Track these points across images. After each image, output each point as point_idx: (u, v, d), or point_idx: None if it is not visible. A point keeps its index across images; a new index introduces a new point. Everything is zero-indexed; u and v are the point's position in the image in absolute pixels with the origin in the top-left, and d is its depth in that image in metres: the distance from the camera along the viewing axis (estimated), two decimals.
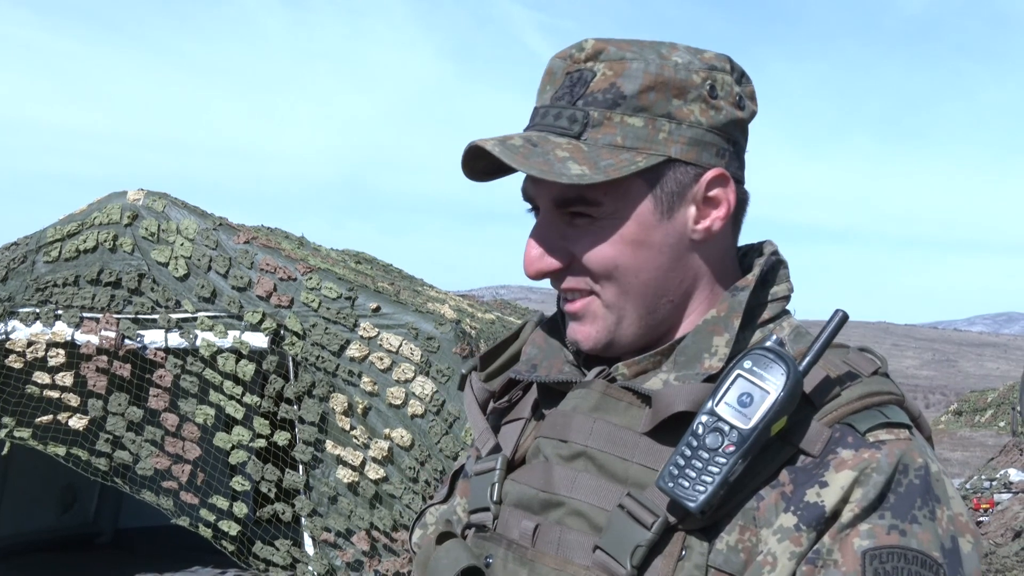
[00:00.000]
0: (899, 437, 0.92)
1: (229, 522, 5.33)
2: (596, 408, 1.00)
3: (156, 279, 5.47)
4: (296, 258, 5.52)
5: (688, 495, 0.89)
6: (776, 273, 1.06)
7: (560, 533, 0.98)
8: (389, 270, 7.59)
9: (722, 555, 0.91)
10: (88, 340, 5.28)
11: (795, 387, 0.90)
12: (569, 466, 1.00)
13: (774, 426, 0.90)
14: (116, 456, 5.33)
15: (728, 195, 1.01)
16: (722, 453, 0.88)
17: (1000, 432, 21.58)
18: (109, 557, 7.42)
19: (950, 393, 61.86)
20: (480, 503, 1.07)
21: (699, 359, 0.98)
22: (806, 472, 0.91)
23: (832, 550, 0.88)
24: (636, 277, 1.00)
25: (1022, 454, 12.83)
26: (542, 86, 1.04)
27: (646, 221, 0.99)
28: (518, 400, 1.14)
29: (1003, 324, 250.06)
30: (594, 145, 0.97)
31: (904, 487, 0.90)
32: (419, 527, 1.26)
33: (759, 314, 1.03)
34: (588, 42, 1.00)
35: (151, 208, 5.62)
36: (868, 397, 0.95)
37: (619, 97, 0.98)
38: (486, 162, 1.03)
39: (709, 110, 1.00)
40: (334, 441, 5.20)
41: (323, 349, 5.25)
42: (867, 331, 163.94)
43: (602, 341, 1.03)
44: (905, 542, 0.87)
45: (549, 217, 1.02)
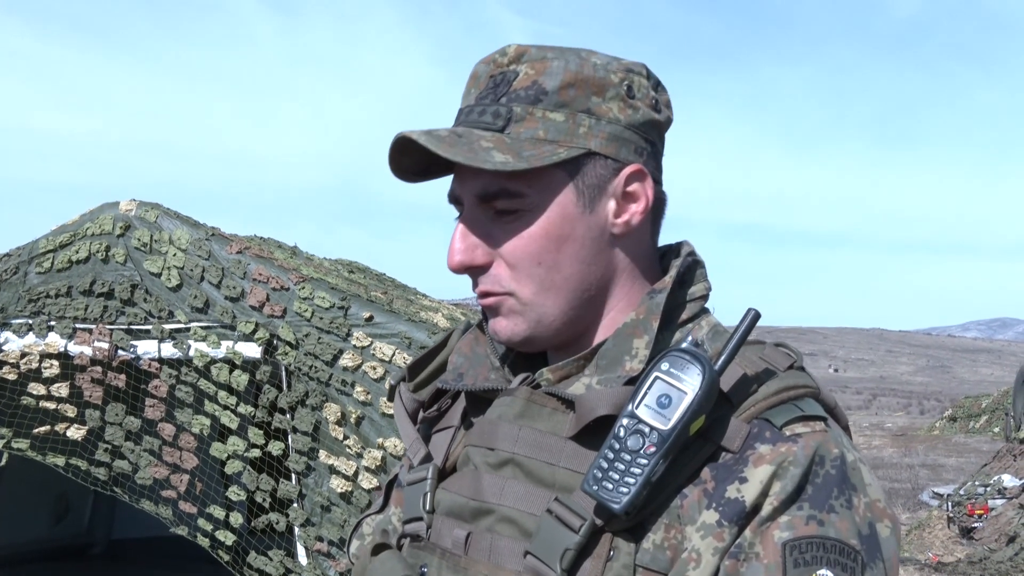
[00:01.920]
0: (815, 429, 0.95)
1: (225, 532, 5.33)
2: (521, 415, 1.02)
3: (149, 290, 5.47)
4: (289, 268, 5.53)
5: (612, 497, 0.91)
6: (693, 273, 1.09)
7: (491, 540, 1.00)
8: (382, 279, 7.61)
9: (649, 554, 0.93)
10: (82, 351, 5.28)
11: (711, 386, 0.92)
12: (497, 474, 1.02)
13: (693, 425, 0.92)
14: (115, 466, 5.32)
15: (646, 190, 1.04)
16: (643, 454, 0.91)
17: (994, 438, 21.60)
18: (103, 567, 7.41)
19: (944, 399, 61.94)
20: (414, 513, 1.10)
21: (620, 362, 1.00)
22: (726, 468, 0.93)
23: (753, 543, 0.90)
24: (559, 272, 1.02)
25: (1016, 459, 12.84)
26: (467, 89, 1.07)
27: (569, 213, 1.01)
28: (447, 409, 1.16)
29: (997, 329, 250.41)
30: (517, 138, 1.00)
31: (821, 478, 0.92)
32: (356, 538, 1.29)
33: (678, 315, 1.05)
34: (511, 47, 1.04)
35: (143, 218, 5.63)
36: (784, 391, 0.97)
37: (541, 93, 1.01)
38: (412, 159, 1.05)
39: (627, 108, 1.03)
40: (327, 451, 5.20)
41: (316, 359, 5.25)
42: (861, 337, 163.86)
43: (520, 335, 1.05)
44: (823, 532, 0.89)
45: (474, 213, 1.04)
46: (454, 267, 1.05)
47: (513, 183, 1.00)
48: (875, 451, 27.11)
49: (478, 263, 1.04)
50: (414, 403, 1.17)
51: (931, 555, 10.83)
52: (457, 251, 1.04)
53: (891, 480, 19.57)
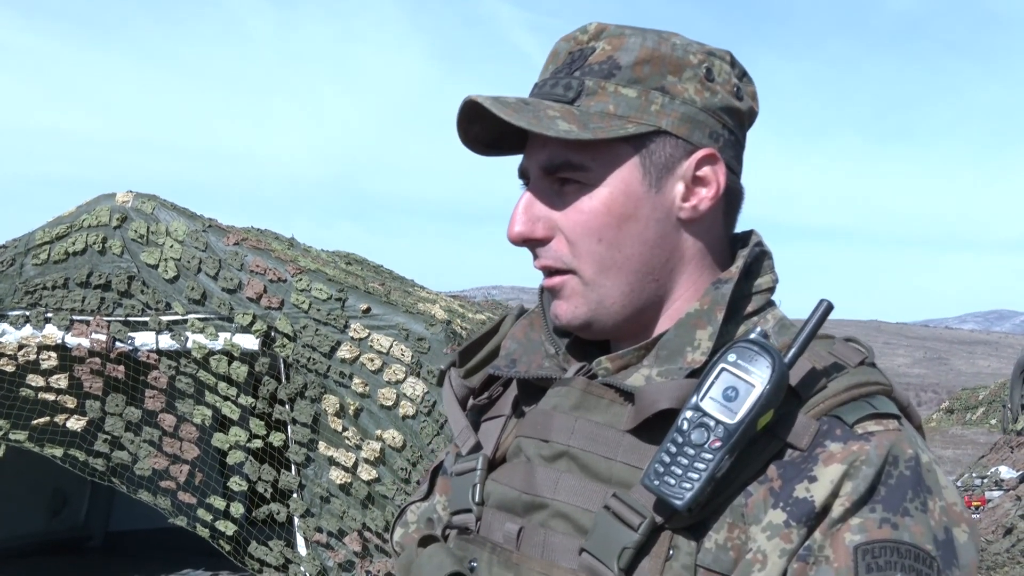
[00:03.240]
0: (888, 428, 0.91)
1: (226, 522, 5.33)
2: (577, 406, 0.99)
3: (146, 281, 5.46)
4: (286, 259, 5.51)
5: (674, 493, 0.87)
6: (760, 264, 1.05)
7: (545, 536, 0.96)
8: (380, 271, 7.59)
9: (711, 554, 0.89)
10: (79, 343, 5.26)
11: (781, 380, 0.88)
12: (551, 467, 0.98)
13: (761, 420, 0.88)
14: (114, 456, 5.32)
15: (718, 176, 1.00)
16: (708, 449, 0.87)
17: (991, 430, 21.63)
18: (100, 560, 7.40)
19: (941, 391, 62.02)
20: (462, 504, 1.06)
21: (682, 353, 0.96)
22: (794, 467, 0.90)
23: (823, 546, 0.86)
24: (620, 251, 0.99)
25: (1013, 451, 12.86)
26: (545, 66, 1.04)
27: (633, 191, 0.98)
28: (498, 396, 1.12)
29: (994, 321, 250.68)
30: (586, 111, 0.97)
31: (895, 479, 0.88)
32: (400, 526, 1.25)
33: (743, 307, 1.02)
34: (592, 24, 1.01)
35: (140, 210, 5.61)
36: (855, 388, 0.93)
37: (614, 68, 0.98)
38: (481, 128, 1.02)
39: (704, 91, 1.00)
40: (326, 442, 5.19)
41: (314, 351, 5.24)
42: (858, 329, 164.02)
43: (580, 317, 1.02)
44: (897, 535, 0.86)
45: (539, 185, 1.02)
46: (513, 237, 1.01)
47: (577, 154, 0.98)
48: None
49: (537, 235, 1.01)
50: (464, 389, 1.14)
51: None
52: (519, 221, 1.01)
53: None
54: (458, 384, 1.14)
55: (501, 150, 1.07)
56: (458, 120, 1.01)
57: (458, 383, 1.15)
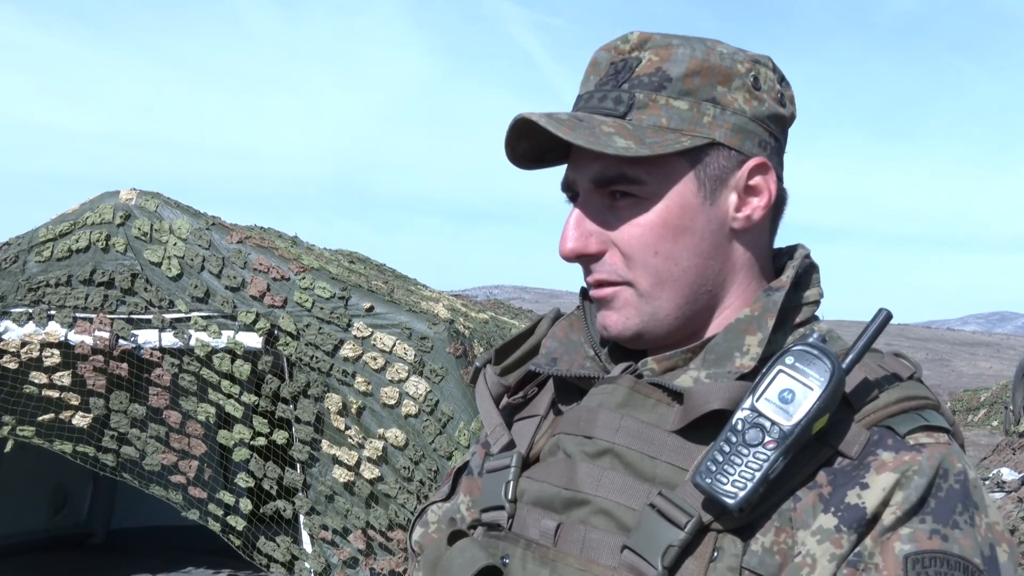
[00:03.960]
0: (939, 441, 0.91)
1: (236, 517, 5.34)
2: (623, 404, 0.98)
3: (149, 279, 5.46)
4: (289, 258, 5.51)
5: (726, 491, 0.86)
6: (809, 277, 1.05)
7: (585, 532, 0.95)
8: (383, 269, 7.59)
9: (757, 556, 0.89)
10: (82, 340, 5.27)
11: (838, 385, 0.88)
12: (595, 463, 0.97)
13: (816, 424, 0.88)
14: (123, 452, 5.34)
15: (769, 184, 1.00)
16: (763, 449, 0.87)
17: (993, 431, 21.62)
18: (102, 558, 7.39)
19: (944, 392, 61.97)
20: (493, 501, 1.05)
21: (730, 358, 0.96)
22: (845, 474, 0.89)
23: (874, 553, 0.86)
24: (676, 264, 0.99)
25: (1015, 453, 12.85)
26: (586, 76, 1.04)
27: (689, 204, 0.98)
28: (533, 396, 1.12)
29: (996, 323, 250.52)
30: (639, 125, 0.97)
31: (944, 492, 0.88)
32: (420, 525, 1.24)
33: (792, 316, 1.02)
34: (634, 34, 1.01)
35: (144, 208, 5.61)
36: (906, 401, 0.93)
37: (665, 80, 0.98)
38: (529, 144, 1.02)
39: (752, 100, 1.00)
40: (329, 441, 5.20)
41: (317, 349, 5.24)
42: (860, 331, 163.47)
43: (632, 329, 1.01)
44: (947, 547, 0.85)
45: (590, 199, 1.01)
46: (566, 254, 1.01)
47: (632, 168, 0.97)
48: None
49: (591, 251, 1.01)
50: (499, 387, 1.13)
51: None
52: (571, 238, 1.00)
53: None
54: (493, 382, 1.14)
55: (544, 164, 1.07)
56: (507, 138, 1.00)
57: (493, 381, 1.14)
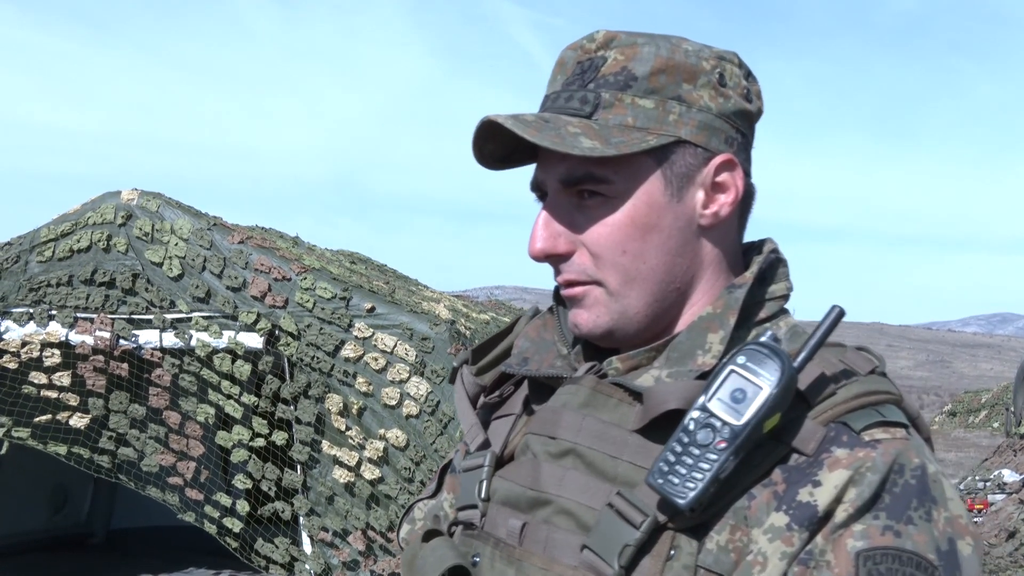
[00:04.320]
0: (895, 436, 0.90)
1: (232, 519, 5.33)
2: (586, 404, 0.99)
3: (150, 279, 5.46)
4: (291, 258, 5.51)
5: (678, 492, 0.87)
6: (775, 271, 1.05)
7: (547, 532, 0.96)
8: (384, 270, 7.58)
9: (712, 555, 0.89)
10: (83, 340, 5.27)
11: (789, 383, 0.88)
12: (557, 463, 0.98)
13: (767, 423, 0.88)
14: (120, 453, 5.34)
15: (736, 181, 1.01)
16: (713, 449, 0.87)
17: (994, 433, 21.61)
18: (102, 558, 7.39)
19: (944, 394, 61.95)
20: (468, 500, 1.06)
21: (692, 356, 0.97)
22: (799, 471, 0.89)
23: (825, 551, 0.86)
24: (645, 263, 0.99)
25: (1016, 455, 12.85)
26: (553, 75, 1.04)
27: (656, 202, 0.99)
28: (509, 395, 1.13)
29: (997, 325, 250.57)
30: (605, 125, 0.97)
31: (900, 487, 0.88)
32: (407, 522, 1.25)
33: (756, 312, 1.02)
34: (599, 32, 1.01)
35: (145, 208, 5.61)
36: (864, 396, 0.93)
37: (630, 79, 0.98)
38: (496, 145, 1.02)
39: (718, 97, 1.00)
40: (330, 441, 5.19)
41: (318, 349, 5.24)
42: (861, 332, 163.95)
43: (602, 327, 1.02)
44: (900, 543, 0.85)
45: (558, 199, 1.02)
46: (535, 254, 1.02)
47: (599, 168, 0.98)
48: None
49: (560, 251, 1.01)
50: (476, 387, 1.14)
51: None
52: (539, 238, 1.01)
53: None
54: (470, 382, 1.15)
55: (512, 164, 1.07)
56: (474, 140, 1.01)
57: (470, 380, 1.15)
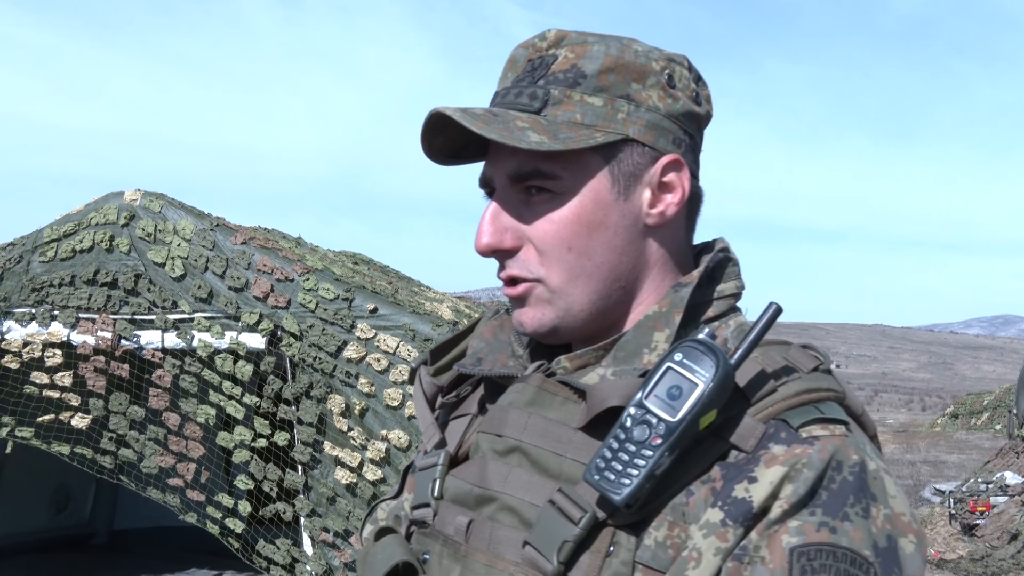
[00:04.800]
0: (834, 433, 0.90)
1: (235, 520, 5.34)
2: (532, 403, 1.00)
3: (153, 279, 5.46)
4: (293, 259, 5.51)
5: (613, 488, 0.87)
6: (724, 271, 1.06)
7: (492, 529, 0.97)
8: (386, 271, 7.59)
9: (650, 551, 0.90)
10: (84, 340, 5.27)
11: (724, 380, 0.88)
12: (503, 461, 0.99)
13: (703, 419, 0.88)
14: (121, 454, 5.33)
15: (683, 181, 1.02)
16: (649, 446, 0.87)
17: (996, 435, 21.59)
18: (104, 558, 7.40)
19: (946, 396, 61.88)
20: (422, 499, 1.07)
21: (638, 354, 0.98)
22: (737, 468, 0.90)
23: (759, 547, 0.86)
24: (590, 260, 1.00)
25: (1018, 457, 12.83)
26: (504, 73, 1.05)
27: (603, 200, 1.00)
28: (467, 396, 1.14)
29: (999, 327, 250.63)
30: (553, 121, 0.98)
31: (837, 484, 0.88)
32: (370, 523, 1.27)
33: (703, 311, 1.03)
34: (551, 31, 1.02)
35: (148, 208, 5.61)
36: (805, 393, 0.93)
37: (579, 76, 0.99)
38: (445, 139, 1.03)
39: (667, 98, 1.01)
40: (332, 442, 5.19)
41: (320, 350, 5.24)
42: (863, 334, 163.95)
43: (546, 325, 1.03)
44: (835, 540, 0.85)
45: (506, 195, 1.02)
46: (481, 249, 1.03)
47: (547, 164, 0.98)
48: None
49: (506, 246, 1.02)
50: (433, 387, 1.15)
51: (933, 552, 10.83)
52: (486, 232, 1.02)
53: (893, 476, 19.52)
54: (428, 382, 1.16)
55: (461, 160, 1.08)
56: (422, 132, 1.02)
57: (428, 381, 1.16)
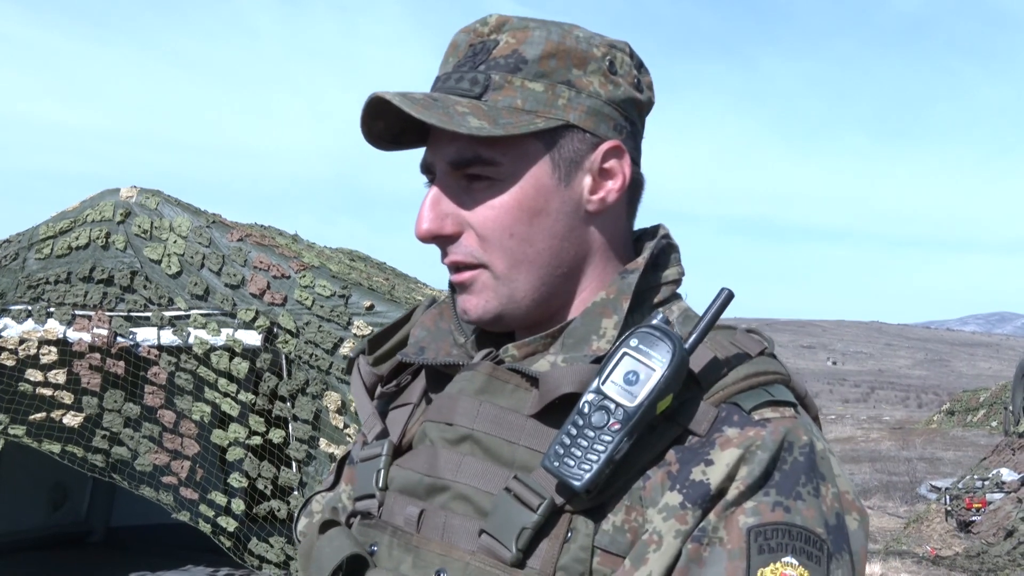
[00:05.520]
0: (784, 415, 0.93)
1: (227, 518, 5.33)
2: (482, 391, 0.99)
3: (149, 276, 5.46)
4: (290, 255, 5.51)
5: (573, 474, 0.88)
6: (668, 257, 1.07)
7: (445, 518, 0.97)
8: (383, 268, 7.59)
9: (608, 535, 0.90)
10: (80, 338, 5.26)
11: (680, 365, 0.90)
12: (455, 449, 0.99)
13: (660, 404, 0.89)
14: (114, 452, 5.31)
15: (624, 168, 1.02)
16: (608, 431, 0.88)
17: (992, 432, 21.63)
18: (101, 555, 7.40)
19: (943, 393, 61.97)
20: (366, 490, 1.06)
21: (587, 341, 0.98)
22: (692, 451, 0.91)
23: (717, 527, 0.88)
24: (531, 246, 1.00)
25: (1014, 454, 12.86)
26: (445, 58, 1.05)
27: (544, 185, 1.00)
28: (407, 385, 1.13)
29: (995, 324, 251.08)
30: (494, 106, 0.98)
31: (789, 464, 0.90)
32: (304, 515, 1.26)
33: (650, 297, 1.04)
34: (492, 16, 1.02)
35: (144, 205, 5.61)
36: (754, 376, 0.95)
37: (520, 62, 0.99)
38: (385, 124, 1.02)
39: (608, 84, 1.01)
40: (327, 439, 5.19)
41: (316, 347, 5.24)
42: (860, 331, 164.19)
43: (491, 312, 1.02)
44: (789, 518, 0.87)
45: (446, 181, 1.02)
46: (421, 235, 1.02)
47: (487, 150, 0.98)
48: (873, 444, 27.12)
49: (447, 232, 1.02)
50: (373, 377, 1.14)
51: (929, 548, 10.85)
52: (426, 219, 1.01)
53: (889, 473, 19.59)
54: (367, 371, 1.15)
55: (402, 145, 1.07)
56: (362, 116, 1.01)
57: (367, 371, 1.15)
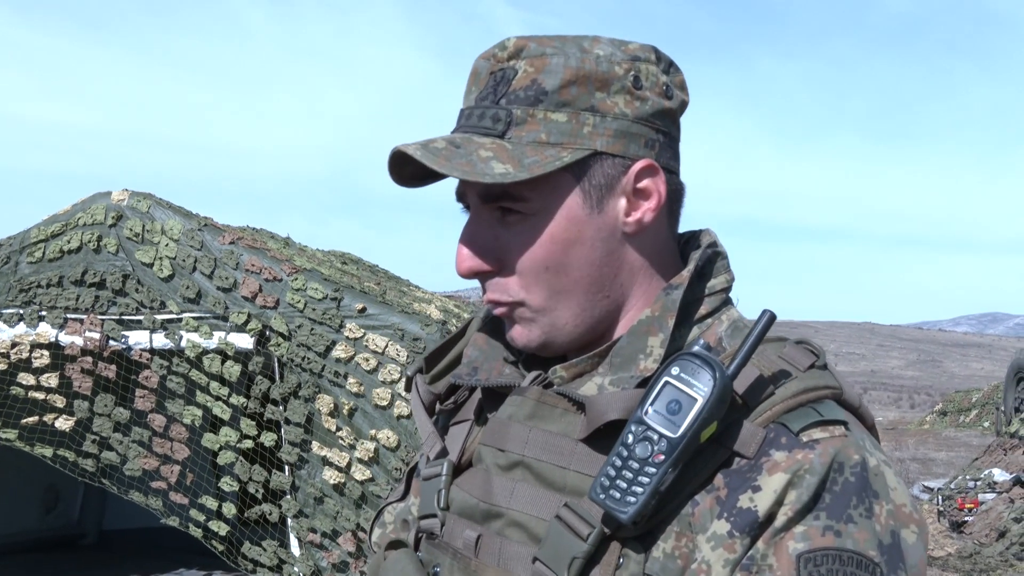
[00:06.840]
0: (833, 435, 0.91)
1: (219, 522, 5.32)
2: (531, 416, 0.99)
3: (141, 280, 5.45)
4: (282, 258, 5.51)
5: (619, 507, 0.88)
6: (714, 265, 1.05)
7: (501, 544, 0.97)
8: (375, 271, 7.58)
9: (659, 563, 0.90)
10: (72, 341, 5.25)
11: (723, 392, 0.88)
12: (507, 476, 0.99)
13: (704, 432, 0.88)
14: (103, 457, 5.30)
15: (658, 186, 1.00)
16: (652, 463, 0.87)
17: (985, 432, 21.68)
18: (94, 558, 7.38)
19: (935, 393, 62.07)
20: (428, 509, 1.07)
21: (634, 360, 0.97)
22: (740, 475, 0.90)
23: (767, 555, 0.87)
24: (568, 276, 0.99)
25: (1006, 454, 12.90)
26: (468, 87, 1.03)
27: (576, 216, 0.98)
28: (464, 401, 1.13)
29: (988, 324, 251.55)
30: (518, 143, 0.97)
31: (840, 486, 0.88)
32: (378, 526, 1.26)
33: (695, 310, 1.02)
34: (510, 40, 1.00)
35: (136, 208, 5.60)
36: (803, 394, 0.93)
37: (541, 93, 0.97)
38: (413, 167, 1.01)
39: (634, 101, 0.99)
40: (320, 442, 5.19)
41: (309, 350, 5.24)
42: (852, 331, 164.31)
43: (535, 341, 1.02)
44: (840, 543, 0.86)
45: (480, 213, 1.02)
46: (462, 273, 1.02)
47: (516, 188, 0.97)
48: None
49: (485, 269, 1.01)
50: (430, 395, 1.14)
51: None
52: (465, 257, 1.01)
53: None
54: (424, 390, 1.15)
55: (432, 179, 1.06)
56: (389, 167, 1.01)
57: (424, 389, 1.15)
